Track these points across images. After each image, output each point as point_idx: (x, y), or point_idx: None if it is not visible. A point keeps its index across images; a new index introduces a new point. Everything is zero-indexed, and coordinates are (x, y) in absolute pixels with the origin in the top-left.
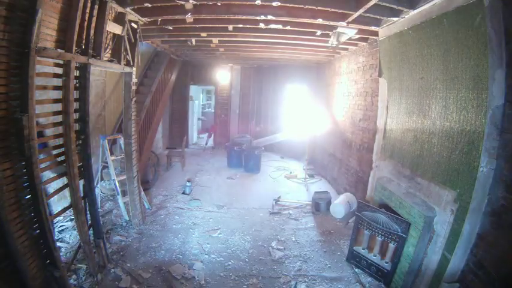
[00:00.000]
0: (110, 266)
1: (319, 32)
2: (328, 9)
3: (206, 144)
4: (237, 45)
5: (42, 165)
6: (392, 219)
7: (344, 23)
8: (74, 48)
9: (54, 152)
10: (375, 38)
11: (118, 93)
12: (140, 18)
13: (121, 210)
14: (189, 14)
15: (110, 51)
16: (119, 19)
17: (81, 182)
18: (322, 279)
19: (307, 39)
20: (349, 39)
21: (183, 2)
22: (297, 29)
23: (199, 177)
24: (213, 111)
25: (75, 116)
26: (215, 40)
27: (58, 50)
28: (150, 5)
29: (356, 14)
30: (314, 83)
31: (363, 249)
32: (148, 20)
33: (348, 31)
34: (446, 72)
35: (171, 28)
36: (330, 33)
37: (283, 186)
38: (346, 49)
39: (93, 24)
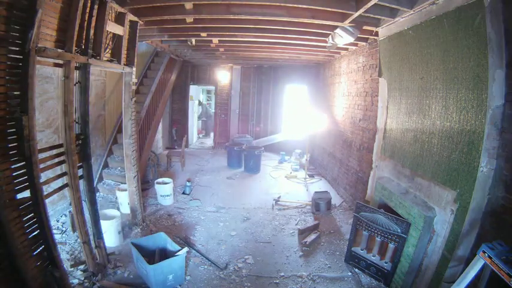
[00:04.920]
0: (109, 266)
1: (319, 32)
2: (328, 9)
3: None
4: (237, 45)
5: (42, 165)
6: (392, 220)
7: (344, 24)
8: (74, 48)
9: (54, 151)
10: (374, 38)
11: (118, 93)
12: (140, 18)
13: None
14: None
15: (109, 51)
16: (119, 19)
17: (81, 182)
18: (322, 279)
19: (307, 39)
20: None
21: (183, 2)
22: (297, 29)
23: (199, 177)
24: (213, 111)
25: (75, 116)
26: (215, 40)
27: (58, 50)
28: (150, 5)
29: (356, 14)
30: (314, 83)
31: (362, 249)
32: (148, 19)
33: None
34: (446, 72)
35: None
36: (331, 33)
37: (283, 186)
38: (346, 49)
39: (93, 24)
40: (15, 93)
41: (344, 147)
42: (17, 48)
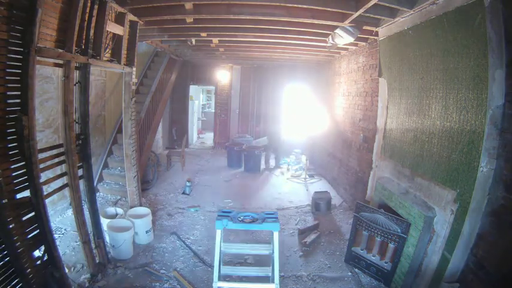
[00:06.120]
0: (109, 266)
1: (319, 32)
2: (328, 9)
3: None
4: (237, 45)
5: (42, 165)
6: (392, 220)
7: (344, 24)
8: (74, 48)
9: (55, 151)
10: (374, 38)
11: (118, 93)
12: (140, 18)
13: None
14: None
15: (109, 51)
16: (119, 19)
17: (81, 182)
18: (322, 279)
19: (307, 39)
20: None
21: (183, 2)
22: (297, 29)
23: (199, 177)
24: (213, 111)
25: (75, 116)
26: (215, 40)
27: (58, 50)
28: (150, 5)
29: (356, 14)
30: (314, 83)
31: (362, 249)
32: (148, 19)
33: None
34: (446, 72)
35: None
36: (331, 33)
37: (283, 186)
38: (346, 49)
39: (93, 24)
40: (15, 93)
41: (344, 147)
42: (17, 48)
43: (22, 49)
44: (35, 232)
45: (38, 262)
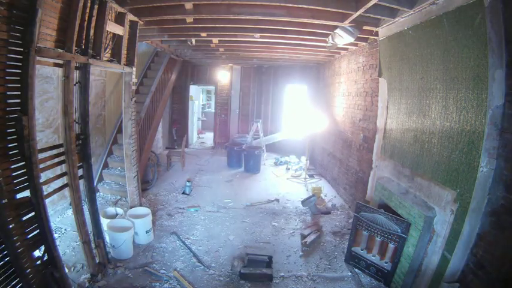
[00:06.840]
0: (109, 266)
1: (319, 32)
2: (328, 9)
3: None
4: (237, 45)
5: (42, 165)
6: (392, 220)
7: (344, 24)
8: (74, 48)
9: (54, 151)
10: (374, 38)
11: (118, 93)
12: (140, 18)
13: None
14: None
15: (109, 51)
16: (119, 19)
17: (81, 182)
18: (322, 279)
19: (307, 39)
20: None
21: (183, 2)
22: (297, 29)
23: (199, 177)
24: (213, 111)
25: (75, 116)
26: (215, 40)
27: (58, 50)
28: (150, 5)
29: (356, 14)
30: (314, 83)
31: (362, 249)
32: (148, 19)
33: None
34: (446, 72)
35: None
36: (331, 33)
37: (283, 186)
38: (346, 49)
39: (93, 24)
40: (15, 93)
41: (344, 147)
42: (17, 48)
43: (22, 49)
44: (35, 232)
45: (38, 262)
